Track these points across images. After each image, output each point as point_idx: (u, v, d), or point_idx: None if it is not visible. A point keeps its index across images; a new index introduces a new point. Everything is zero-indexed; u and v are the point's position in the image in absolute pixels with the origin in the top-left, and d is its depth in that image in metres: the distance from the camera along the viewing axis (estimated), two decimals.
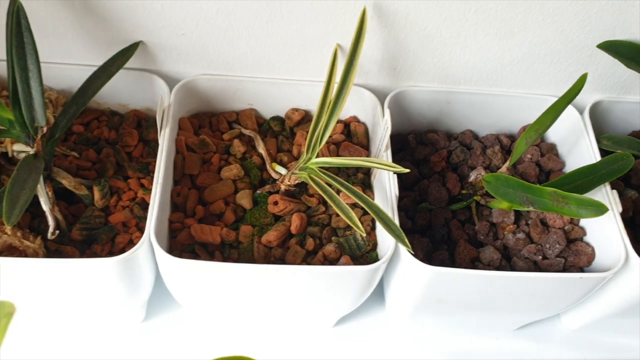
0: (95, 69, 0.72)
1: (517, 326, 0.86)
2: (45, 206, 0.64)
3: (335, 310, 0.75)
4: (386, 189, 0.70)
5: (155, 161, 0.75)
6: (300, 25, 0.71)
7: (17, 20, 0.61)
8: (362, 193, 0.65)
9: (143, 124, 0.79)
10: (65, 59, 0.74)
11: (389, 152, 0.73)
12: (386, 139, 0.71)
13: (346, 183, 0.66)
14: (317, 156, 0.70)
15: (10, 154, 0.70)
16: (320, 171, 0.68)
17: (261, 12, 0.69)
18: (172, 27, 0.71)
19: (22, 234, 0.64)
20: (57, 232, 0.65)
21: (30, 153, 0.63)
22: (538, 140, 0.82)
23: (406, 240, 0.62)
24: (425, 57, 0.76)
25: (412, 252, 0.63)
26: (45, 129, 0.63)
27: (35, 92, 0.63)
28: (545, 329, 0.87)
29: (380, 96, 0.79)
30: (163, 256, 0.62)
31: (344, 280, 0.66)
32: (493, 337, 0.85)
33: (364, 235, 0.64)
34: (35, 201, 0.64)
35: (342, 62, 0.69)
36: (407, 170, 0.61)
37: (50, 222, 0.64)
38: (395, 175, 0.71)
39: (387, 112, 0.71)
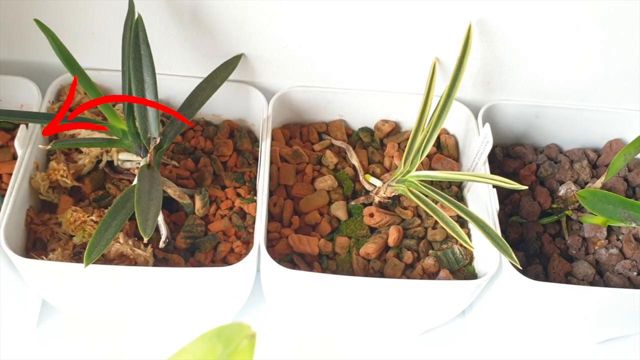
0: (194, 80, 0.74)
1: (600, 340, 0.85)
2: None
3: (430, 321, 0.75)
4: (486, 202, 0.71)
5: (249, 171, 0.76)
6: (400, 38, 0.72)
7: (136, 33, 0.63)
8: (467, 208, 0.66)
9: (236, 134, 0.80)
10: (165, 70, 0.75)
11: (487, 166, 0.73)
12: (485, 153, 0.71)
13: (449, 197, 0.67)
14: (410, 169, 0.70)
15: (115, 163, 0.71)
16: (421, 184, 0.69)
17: (367, 25, 0.70)
18: (275, 40, 0.72)
19: (133, 242, 0.65)
20: (167, 240, 0.66)
21: (142, 164, 0.65)
22: None
23: (513, 254, 0.62)
24: (521, 72, 0.76)
25: (520, 267, 0.63)
26: (158, 140, 0.65)
27: None
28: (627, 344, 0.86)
29: (471, 109, 0.79)
30: (272, 266, 0.63)
31: (446, 294, 0.66)
32: (574, 350, 0.85)
33: (473, 249, 0.64)
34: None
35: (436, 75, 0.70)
36: (525, 187, 0.61)
37: (164, 231, 0.65)
38: (495, 189, 0.71)
39: (487, 126, 0.71)
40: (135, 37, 0.63)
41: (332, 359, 0.79)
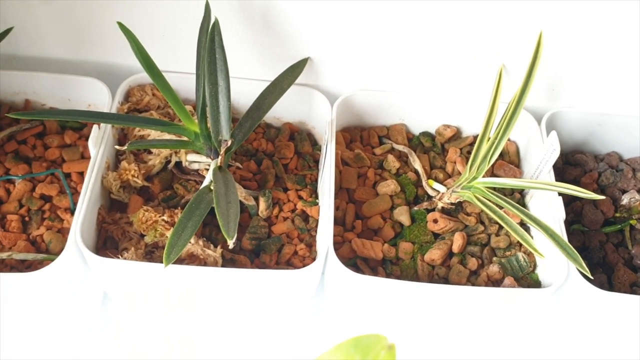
0: (259, 83, 0.75)
1: None
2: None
3: (492, 329, 0.75)
4: (552, 210, 0.70)
5: (310, 174, 0.77)
6: (469, 44, 0.72)
7: (212, 37, 0.64)
8: (535, 216, 0.65)
9: (296, 136, 0.81)
10: (232, 72, 0.75)
11: (552, 173, 0.72)
12: (551, 161, 0.71)
13: (517, 205, 0.66)
14: (476, 176, 0.70)
15: (183, 164, 0.72)
16: (488, 191, 0.68)
17: (435, 31, 0.70)
18: (343, 44, 0.72)
19: (203, 243, 0.66)
20: (236, 242, 0.67)
21: (213, 166, 0.65)
22: None
23: (583, 264, 0.62)
24: (587, 79, 0.75)
25: (591, 277, 0.63)
26: (229, 142, 0.65)
27: (223, 107, 0.65)
28: None
29: (532, 116, 0.78)
30: (340, 270, 0.63)
31: (513, 302, 0.66)
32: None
33: (544, 257, 0.64)
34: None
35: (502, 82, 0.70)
36: (603, 197, 0.61)
37: None
38: (561, 198, 0.70)
39: (553, 134, 0.70)
40: (211, 41, 0.64)
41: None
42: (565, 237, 0.68)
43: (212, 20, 0.63)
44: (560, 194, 0.71)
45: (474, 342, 0.78)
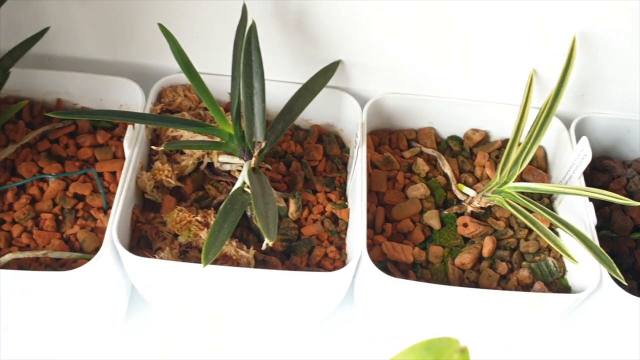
0: (290, 85, 0.75)
1: None
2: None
3: (521, 334, 0.75)
4: (580, 216, 0.70)
5: (339, 176, 0.77)
6: (502, 49, 0.72)
7: (248, 39, 0.64)
8: (567, 221, 0.65)
9: (325, 139, 0.81)
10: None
11: (582, 179, 0.73)
12: (582, 167, 0.71)
13: (548, 210, 0.67)
14: (507, 181, 0.70)
15: (215, 165, 0.73)
16: (519, 196, 0.68)
17: (468, 36, 0.70)
18: (375, 47, 0.72)
19: (236, 244, 0.67)
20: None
21: (247, 167, 0.66)
22: None
23: (617, 270, 0.62)
24: (618, 85, 0.75)
25: (626, 283, 0.63)
26: (263, 144, 0.66)
27: (257, 109, 0.65)
28: None
29: (561, 121, 0.79)
30: (373, 273, 0.63)
31: (544, 307, 0.66)
32: None
33: (577, 263, 0.64)
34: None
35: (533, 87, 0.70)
36: (638, 203, 0.61)
37: None
38: (592, 203, 0.70)
39: (584, 139, 0.70)
40: (247, 43, 0.64)
41: None
42: (597, 242, 0.68)
43: (249, 23, 0.64)
44: (590, 199, 0.71)
45: (504, 347, 0.78)
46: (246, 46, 0.64)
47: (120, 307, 0.74)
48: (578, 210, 0.71)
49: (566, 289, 0.71)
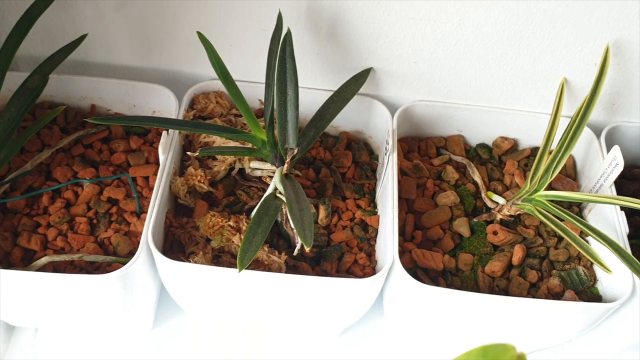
0: (319, 92, 0.76)
1: None
2: (295, 224, 0.66)
3: (550, 342, 0.74)
4: (612, 225, 0.70)
5: (368, 183, 0.77)
6: (533, 58, 0.72)
7: (283, 47, 0.65)
8: (599, 230, 0.65)
9: (353, 145, 0.81)
10: None
11: (613, 188, 0.72)
12: (613, 176, 0.71)
13: (580, 218, 0.66)
14: (537, 189, 0.70)
15: (247, 171, 0.73)
16: (550, 204, 0.68)
17: (499, 45, 0.71)
18: (407, 56, 0.73)
19: (268, 249, 0.67)
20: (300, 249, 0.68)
21: (278, 174, 0.66)
22: None
23: None
24: None
25: None
26: (296, 151, 0.66)
27: (291, 115, 0.66)
28: None
29: (590, 129, 0.78)
30: (405, 280, 0.63)
31: (576, 316, 0.66)
32: None
33: (611, 272, 0.64)
34: None
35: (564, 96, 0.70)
36: None
37: (299, 240, 0.67)
38: (623, 212, 0.70)
39: (616, 148, 0.70)
40: (282, 50, 0.65)
41: None
42: (629, 252, 0.67)
43: (285, 31, 0.64)
44: (622, 208, 0.71)
45: (535, 356, 0.78)
46: (281, 54, 0.65)
47: (148, 310, 0.75)
48: (609, 219, 0.71)
49: (597, 298, 0.70)
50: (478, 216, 0.75)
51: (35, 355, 0.77)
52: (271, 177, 0.72)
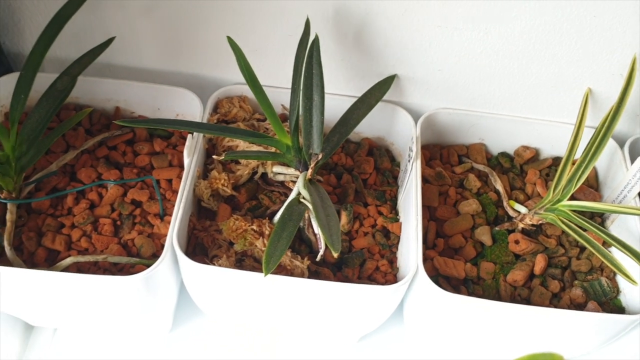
0: (343, 98, 0.76)
1: None
2: (319, 230, 0.66)
3: (570, 353, 0.74)
4: (638, 236, 0.70)
5: (390, 190, 0.78)
6: (559, 67, 0.72)
7: (310, 53, 0.65)
8: (624, 241, 0.65)
9: (375, 152, 0.81)
10: None
11: (637, 199, 0.72)
12: (638, 187, 0.70)
13: (603, 229, 0.66)
14: (560, 199, 0.70)
15: (269, 175, 0.74)
16: (573, 214, 0.68)
17: (525, 54, 0.71)
18: (432, 63, 0.73)
19: (291, 254, 0.67)
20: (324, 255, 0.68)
21: (302, 179, 0.66)
22: None
23: None
24: None
25: None
26: (320, 156, 0.66)
27: (316, 121, 0.66)
28: None
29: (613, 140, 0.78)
30: (429, 287, 0.63)
31: (599, 327, 0.66)
32: None
33: (637, 284, 0.63)
34: None
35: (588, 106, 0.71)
36: None
37: (322, 245, 0.67)
38: None
39: None
40: (309, 56, 0.65)
41: None
42: None
43: (312, 37, 0.65)
44: None
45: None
46: (308, 59, 0.65)
47: (168, 312, 0.75)
48: (633, 230, 0.71)
49: (620, 309, 0.70)
50: (500, 225, 0.75)
51: (53, 356, 0.77)
52: (294, 182, 0.73)
